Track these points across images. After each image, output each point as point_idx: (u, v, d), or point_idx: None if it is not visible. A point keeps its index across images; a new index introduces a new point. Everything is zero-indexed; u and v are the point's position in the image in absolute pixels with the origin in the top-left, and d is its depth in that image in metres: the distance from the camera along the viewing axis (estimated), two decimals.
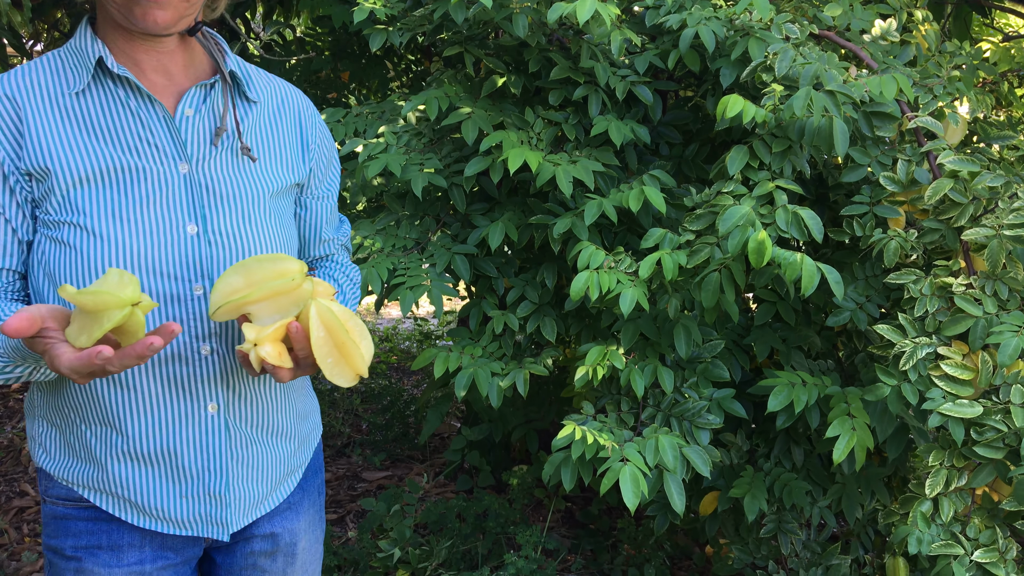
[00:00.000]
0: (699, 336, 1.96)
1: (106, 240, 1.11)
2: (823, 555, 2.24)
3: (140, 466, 1.19)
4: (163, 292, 1.14)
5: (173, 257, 1.14)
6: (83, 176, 1.12)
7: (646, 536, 2.74)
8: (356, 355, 1.10)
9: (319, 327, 1.09)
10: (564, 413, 2.69)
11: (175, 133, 1.17)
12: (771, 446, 2.23)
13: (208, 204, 1.18)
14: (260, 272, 1.07)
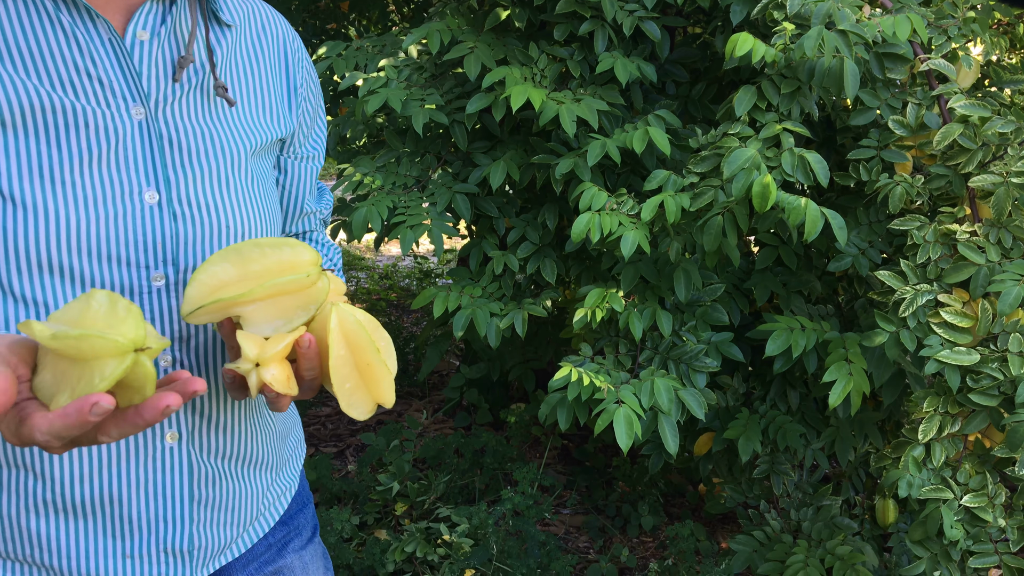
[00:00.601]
0: (699, 280, 1.96)
1: (30, 210, 0.81)
2: (814, 496, 2.28)
3: (69, 520, 0.88)
4: (109, 282, 0.85)
5: (125, 235, 0.85)
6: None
7: (640, 474, 2.78)
8: (384, 381, 0.84)
9: (340, 343, 0.82)
10: (562, 354, 2.71)
11: (126, 62, 0.86)
12: (767, 389, 2.25)
13: (173, 163, 0.89)
14: (261, 261, 0.81)
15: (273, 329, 0.82)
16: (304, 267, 0.81)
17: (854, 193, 2.14)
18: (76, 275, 0.84)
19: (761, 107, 1.88)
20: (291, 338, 0.81)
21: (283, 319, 0.82)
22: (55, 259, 0.83)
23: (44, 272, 0.83)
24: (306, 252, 0.82)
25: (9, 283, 0.83)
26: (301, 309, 0.82)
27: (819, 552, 2.06)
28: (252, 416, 1.00)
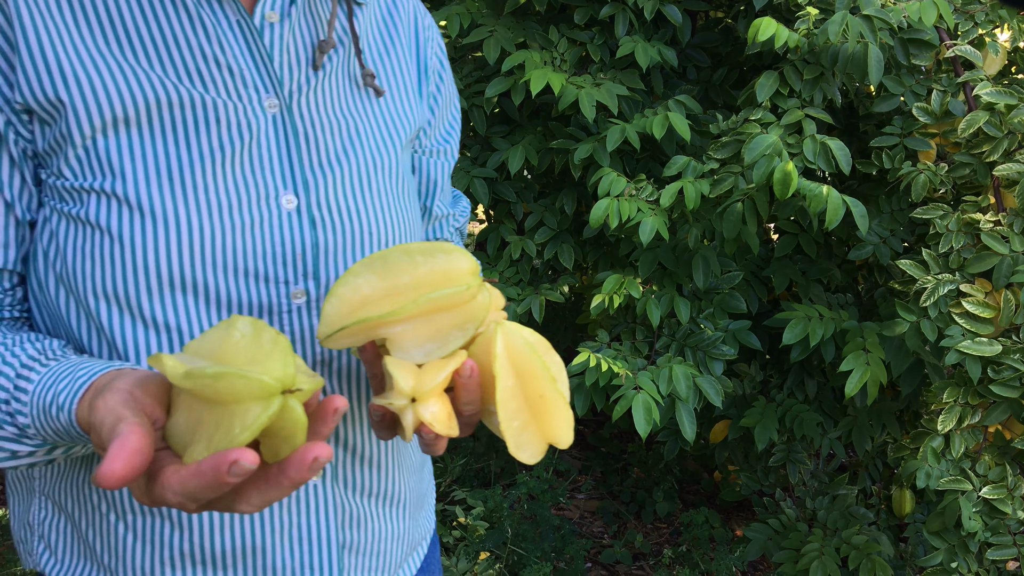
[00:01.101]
0: (718, 267, 1.95)
1: (159, 220, 0.72)
2: (830, 485, 2.27)
3: (208, 572, 0.79)
4: (246, 301, 0.75)
5: (262, 246, 0.75)
6: (117, 114, 0.72)
7: (656, 460, 2.78)
8: (559, 415, 0.68)
9: (508, 371, 0.67)
10: (579, 340, 2.71)
11: (257, 47, 0.76)
12: (784, 377, 2.24)
13: (311, 162, 0.79)
14: (411, 271, 0.68)
15: (425, 354, 0.68)
16: (462, 277, 0.67)
17: (876, 181, 2.12)
18: (210, 293, 0.74)
19: (783, 93, 1.86)
20: (451, 366, 0.67)
21: (437, 341, 0.68)
22: (187, 275, 0.73)
23: (176, 290, 0.73)
24: (463, 259, 0.69)
25: (138, 304, 0.73)
26: (458, 329, 0.68)
27: (834, 541, 2.05)
28: (396, 447, 0.89)
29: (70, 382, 0.67)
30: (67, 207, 0.74)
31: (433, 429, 0.66)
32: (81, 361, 0.70)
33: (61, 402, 0.66)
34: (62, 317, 0.77)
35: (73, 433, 0.67)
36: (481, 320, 0.68)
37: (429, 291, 0.67)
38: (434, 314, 0.68)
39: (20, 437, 0.71)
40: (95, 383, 0.65)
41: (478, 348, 0.70)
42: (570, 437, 0.69)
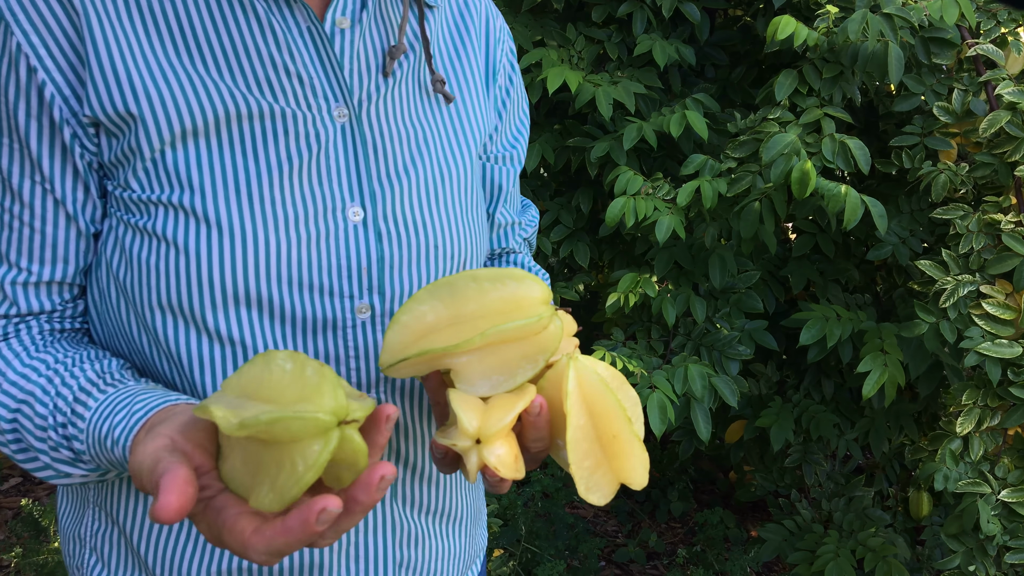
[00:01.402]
0: (734, 266, 1.94)
1: (225, 233, 0.71)
2: (847, 486, 2.25)
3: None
4: (311, 315, 0.74)
5: (328, 259, 0.74)
6: (187, 127, 0.71)
7: (670, 460, 2.77)
8: (633, 456, 0.64)
9: (580, 409, 0.64)
10: (594, 338, 2.70)
11: (327, 54, 0.74)
12: (801, 378, 2.23)
13: (379, 173, 0.77)
14: (478, 299, 0.65)
15: (491, 386, 0.65)
16: (533, 307, 0.64)
17: (896, 181, 2.10)
18: (274, 307, 0.73)
19: (802, 91, 1.85)
20: (519, 405, 0.64)
21: (504, 374, 0.65)
22: (252, 288, 0.72)
23: (240, 304, 0.73)
24: (535, 286, 0.65)
25: (202, 316, 0.73)
26: (527, 361, 0.65)
27: (850, 543, 2.04)
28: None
29: (126, 416, 0.66)
30: (133, 219, 0.73)
31: (498, 474, 0.63)
32: (139, 391, 0.69)
33: (116, 436, 0.66)
34: (123, 329, 0.76)
35: (125, 464, 0.66)
36: (552, 351, 0.65)
37: (498, 322, 0.63)
38: (502, 345, 0.64)
39: (75, 461, 0.71)
40: (151, 420, 0.64)
41: (548, 382, 0.66)
42: (645, 478, 0.64)
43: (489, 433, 0.63)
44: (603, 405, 0.64)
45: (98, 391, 0.70)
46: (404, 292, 0.78)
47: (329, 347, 0.76)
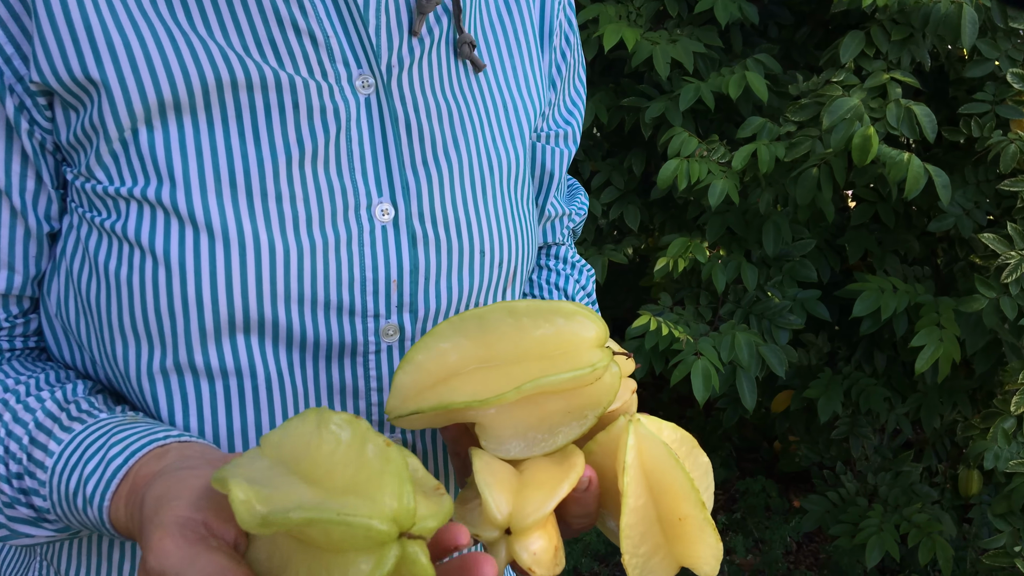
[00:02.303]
0: (789, 233, 1.90)
1: (217, 236, 0.56)
2: (894, 461, 2.22)
3: None
4: (325, 339, 0.60)
5: (350, 270, 0.60)
6: (166, 97, 0.56)
7: (714, 427, 2.76)
8: (702, 543, 0.53)
9: (639, 487, 0.52)
10: (641, 302, 2.69)
11: (349, 8, 0.59)
12: (853, 350, 2.18)
13: (412, 160, 0.63)
14: (514, 338, 0.52)
15: (525, 447, 0.52)
16: (584, 352, 0.51)
17: (963, 150, 2.02)
18: (280, 332, 0.59)
19: (869, 54, 1.78)
20: (565, 486, 0.50)
21: (542, 432, 0.52)
22: (252, 309, 0.57)
23: (237, 330, 0.57)
24: (587, 324, 0.52)
25: (187, 346, 0.57)
26: (572, 417, 0.52)
27: (895, 518, 2.01)
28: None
29: (100, 466, 0.51)
30: (99, 218, 0.57)
31: (533, 572, 0.50)
32: (114, 426, 0.54)
33: (89, 494, 0.51)
34: (80, 360, 0.61)
35: (103, 528, 0.52)
36: (605, 407, 0.52)
37: (539, 370, 0.50)
38: (541, 395, 0.51)
39: (37, 521, 0.56)
40: (134, 472, 0.50)
41: (599, 445, 0.54)
42: (715, 569, 0.53)
43: (523, 525, 0.49)
44: (669, 481, 0.51)
45: (60, 428, 0.55)
46: (441, 311, 0.64)
47: (347, 378, 0.62)
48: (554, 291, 0.85)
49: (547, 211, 0.81)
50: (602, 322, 0.53)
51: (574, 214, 0.87)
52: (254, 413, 0.61)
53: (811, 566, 2.45)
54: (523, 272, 0.71)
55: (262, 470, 0.43)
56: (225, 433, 0.60)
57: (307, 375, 0.61)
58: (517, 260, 0.69)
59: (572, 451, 0.53)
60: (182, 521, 0.43)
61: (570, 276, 0.86)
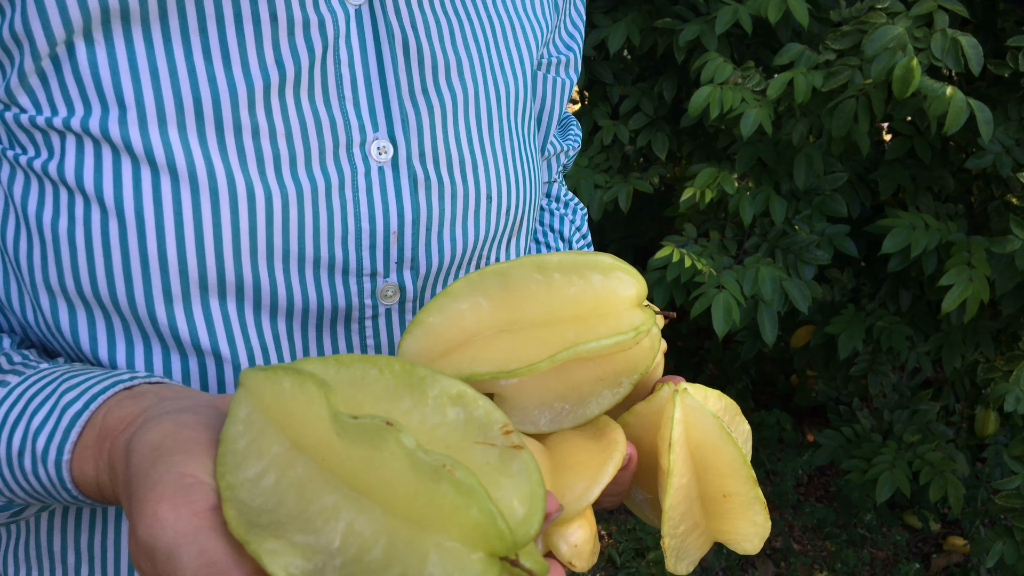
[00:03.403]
0: (821, 166, 1.85)
1: (181, 179, 0.47)
2: (912, 399, 2.21)
3: None
4: (314, 303, 0.52)
5: (341, 221, 0.52)
6: (111, 3, 0.45)
7: (732, 359, 2.76)
8: (748, 519, 0.48)
9: (685, 464, 0.47)
10: (665, 233, 2.66)
11: None
12: (878, 287, 2.16)
13: (411, 88, 0.55)
14: (544, 297, 0.46)
15: (552, 420, 0.46)
16: (624, 313, 0.45)
17: (1007, 84, 1.95)
18: (262, 296, 0.50)
19: None
20: (609, 470, 0.44)
21: (571, 402, 0.46)
22: (228, 269, 0.48)
23: (209, 294, 0.48)
24: (627, 281, 0.45)
25: (149, 313, 0.47)
26: (606, 386, 0.46)
27: (908, 455, 2.02)
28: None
29: (52, 415, 0.42)
30: (26, 157, 0.46)
31: (573, 567, 0.44)
32: (61, 373, 0.45)
33: (40, 450, 0.42)
34: (16, 315, 0.50)
35: (63, 495, 0.43)
36: (643, 373, 0.46)
37: (574, 336, 0.44)
38: (576, 367, 0.45)
39: None
40: (100, 418, 0.41)
41: (638, 418, 0.48)
42: (757, 546, 0.48)
43: (566, 515, 0.43)
44: (718, 457, 0.46)
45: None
46: (444, 266, 0.56)
47: (340, 349, 0.54)
48: (549, 233, 0.79)
49: (546, 149, 0.74)
50: (641, 278, 0.46)
51: (570, 149, 0.80)
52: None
53: (821, 498, 2.48)
54: (530, 219, 0.64)
55: (288, 493, 0.33)
56: None
57: (295, 346, 0.52)
58: (525, 205, 0.62)
59: (608, 425, 0.47)
60: (184, 483, 0.34)
61: (564, 216, 0.80)
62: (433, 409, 0.35)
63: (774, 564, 2.20)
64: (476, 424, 0.34)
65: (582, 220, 0.84)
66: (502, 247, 0.62)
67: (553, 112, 0.71)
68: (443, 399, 0.35)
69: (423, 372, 0.35)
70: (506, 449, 0.33)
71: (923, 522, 2.30)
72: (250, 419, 0.35)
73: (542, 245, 0.80)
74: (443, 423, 0.34)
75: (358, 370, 0.36)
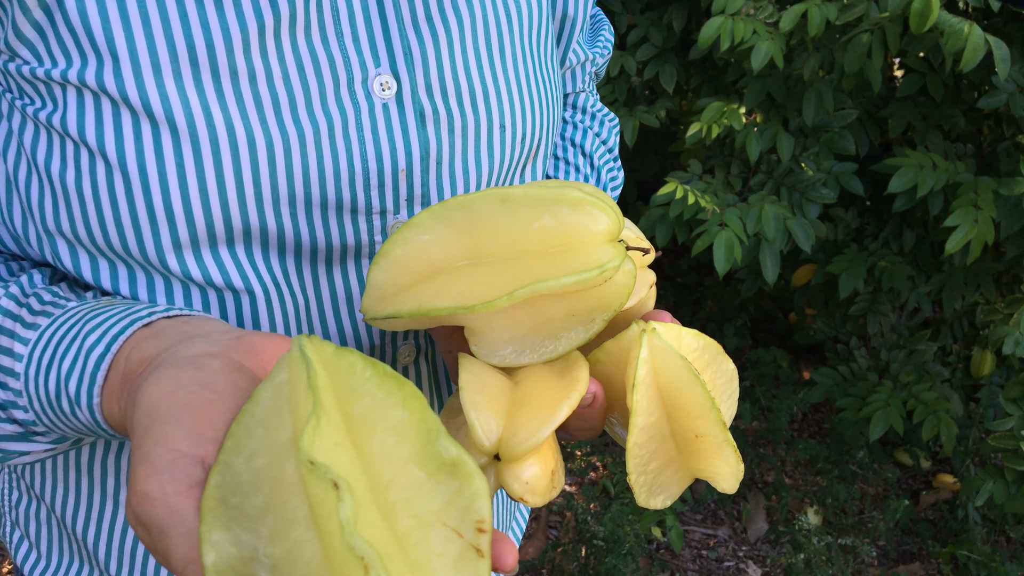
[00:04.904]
0: (831, 102, 1.81)
1: (180, 129, 0.46)
2: (910, 339, 2.22)
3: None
4: (323, 243, 0.52)
5: (347, 161, 0.51)
6: None
7: (731, 296, 2.76)
8: (720, 459, 0.48)
9: (652, 403, 0.47)
10: (669, 168, 2.63)
11: None
12: (882, 226, 2.14)
13: (414, 16, 0.53)
14: (509, 232, 0.44)
15: (520, 354, 0.46)
16: (593, 249, 0.43)
17: None
18: (271, 238, 0.50)
19: None
20: (564, 408, 0.44)
21: (541, 337, 0.46)
22: (235, 218, 0.48)
23: (219, 243, 0.49)
24: (597, 216, 0.43)
25: (161, 260, 0.48)
26: (578, 322, 0.46)
27: (903, 394, 2.04)
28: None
29: (78, 359, 0.43)
30: (30, 107, 0.46)
31: (527, 503, 0.45)
32: (85, 312, 0.45)
33: (73, 394, 0.43)
34: (38, 252, 0.51)
35: (103, 433, 0.45)
36: (616, 309, 0.45)
37: (537, 272, 0.43)
38: (545, 303, 0.45)
39: (26, 436, 0.48)
40: (123, 360, 0.42)
41: (607, 354, 0.48)
42: (733, 486, 0.47)
43: (515, 453, 0.43)
44: (686, 399, 0.46)
45: (24, 327, 0.46)
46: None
47: (352, 285, 0.53)
48: (570, 147, 0.75)
49: (568, 59, 0.70)
50: (615, 211, 0.44)
51: (597, 56, 0.76)
52: (252, 325, 0.52)
53: (814, 435, 2.51)
54: (548, 145, 0.62)
55: (265, 486, 0.33)
56: None
57: (305, 284, 0.53)
58: (542, 132, 0.59)
59: (576, 362, 0.47)
60: (173, 459, 0.34)
61: (589, 129, 0.76)
62: (428, 469, 0.34)
63: (765, 498, 2.25)
64: (457, 507, 0.33)
65: (611, 134, 0.79)
66: (516, 175, 0.60)
67: (575, 23, 0.67)
68: (441, 461, 0.34)
69: (435, 425, 0.34)
70: (468, 549, 0.32)
71: (914, 460, 2.34)
72: (280, 389, 0.34)
73: (561, 161, 0.75)
74: (427, 488, 0.33)
75: (385, 389, 0.35)
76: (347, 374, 0.34)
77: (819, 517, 2.13)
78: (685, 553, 2.12)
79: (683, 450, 0.48)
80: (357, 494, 0.29)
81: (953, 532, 2.14)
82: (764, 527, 2.18)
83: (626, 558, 1.72)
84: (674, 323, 0.49)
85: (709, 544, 2.15)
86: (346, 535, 0.28)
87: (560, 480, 0.47)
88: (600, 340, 0.49)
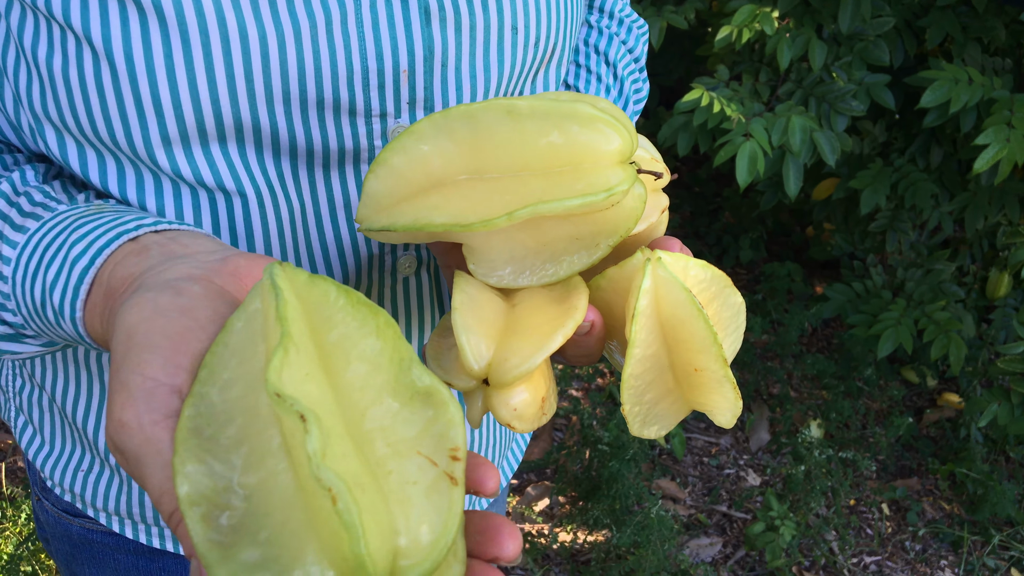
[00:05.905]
0: (869, 9, 1.73)
1: (174, 24, 0.44)
2: (928, 258, 2.20)
3: None
4: (319, 145, 0.50)
5: (345, 59, 0.48)
6: None
7: (749, 208, 2.72)
8: (719, 394, 0.46)
9: (651, 334, 0.45)
10: (695, 73, 2.54)
11: None
12: (910, 142, 2.08)
13: None
14: (514, 147, 0.42)
15: (519, 276, 0.44)
16: (601, 170, 0.41)
17: None
18: (264, 137, 0.48)
19: None
20: (560, 335, 0.42)
21: (542, 259, 0.44)
22: (227, 114, 0.46)
23: (210, 139, 0.48)
24: (608, 134, 0.41)
25: (151, 156, 0.47)
26: (582, 246, 0.44)
27: (915, 313, 2.03)
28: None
29: (63, 269, 0.42)
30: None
31: (513, 429, 0.44)
32: (75, 218, 0.44)
33: (57, 305, 0.42)
34: (32, 143, 0.49)
35: (90, 345, 0.44)
36: (623, 235, 0.43)
37: (540, 192, 0.41)
38: (546, 225, 0.43)
39: (16, 337, 0.47)
40: (107, 275, 0.41)
41: (610, 282, 0.46)
42: (731, 421, 0.46)
43: (504, 380, 0.42)
44: (688, 332, 0.44)
45: (12, 229, 0.45)
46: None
47: (350, 189, 0.51)
48: (593, 54, 0.71)
49: None
50: (630, 131, 0.42)
51: None
52: (245, 230, 0.50)
53: (822, 350, 2.52)
54: (565, 51, 0.58)
55: (239, 416, 0.32)
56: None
57: (301, 188, 0.51)
58: (559, 35, 0.55)
59: (575, 288, 0.45)
60: (150, 388, 0.33)
61: (615, 36, 0.71)
62: (402, 398, 0.33)
63: (769, 410, 2.28)
64: (431, 435, 0.33)
65: (638, 42, 0.74)
66: (529, 82, 0.57)
67: None
68: (415, 390, 0.33)
69: (408, 354, 0.34)
70: (442, 477, 0.32)
71: (920, 378, 2.35)
72: (253, 318, 0.34)
73: (582, 69, 0.71)
74: (401, 417, 0.33)
75: (359, 318, 0.34)
76: (320, 302, 0.34)
77: (821, 431, 2.16)
78: (687, 459, 2.16)
79: (681, 382, 0.47)
80: (327, 425, 0.29)
81: (953, 450, 2.17)
82: (766, 438, 2.21)
83: (629, 463, 1.76)
84: (683, 251, 0.47)
85: (711, 452, 2.20)
86: (312, 467, 0.27)
87: (551, 407, 0.46)
88: (604, 265, 0.47)
